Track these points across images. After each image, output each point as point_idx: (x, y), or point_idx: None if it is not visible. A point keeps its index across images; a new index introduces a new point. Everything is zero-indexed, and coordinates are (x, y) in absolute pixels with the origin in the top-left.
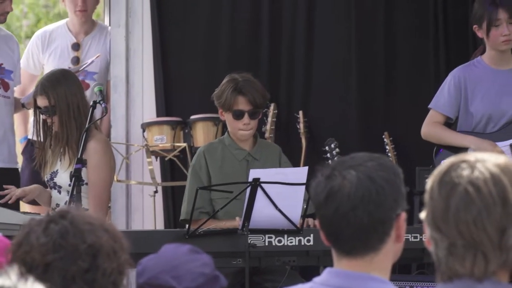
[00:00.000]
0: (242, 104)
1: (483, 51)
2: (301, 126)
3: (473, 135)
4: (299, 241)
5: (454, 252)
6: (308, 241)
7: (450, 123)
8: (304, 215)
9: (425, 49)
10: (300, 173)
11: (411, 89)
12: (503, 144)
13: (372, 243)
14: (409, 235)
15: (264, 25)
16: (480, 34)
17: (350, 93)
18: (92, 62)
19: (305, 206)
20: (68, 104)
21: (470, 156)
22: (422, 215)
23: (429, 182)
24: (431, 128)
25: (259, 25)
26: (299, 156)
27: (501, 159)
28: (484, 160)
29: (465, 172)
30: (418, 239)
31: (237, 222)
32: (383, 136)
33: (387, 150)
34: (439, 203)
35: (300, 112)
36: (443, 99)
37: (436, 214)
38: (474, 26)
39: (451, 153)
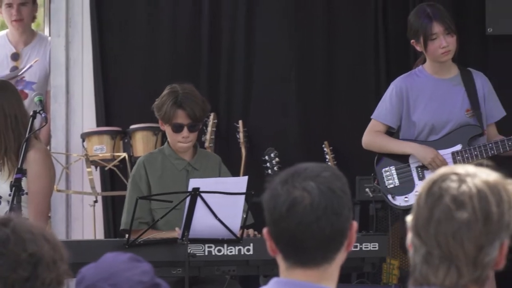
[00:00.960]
0: (182, 117)
1: (425, 61)
2: (240, 135)
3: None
4: (239, 250)
5: (429, 260)
6: (248, 250)
7: (391, 133)
8: (244, 225)
9: (365, 59)
10: (240, 182)
11: (351, 98)
12: (445, 152)
13: (330, 254)
14: None
15: (204, 34)
16: (419, 48)
17: (290, 102)
18: (31, 66)
19: (244, 216)
20: (6, 115)
21: (462, 168)
22: (409, 218)
23: (420, 188)
24: (372, 137)
25: (199, 34)
26: (239, 166)
27: (492, 176)
28: (475, 175)
29: (453, 185)
30: (358, 248)
31: (177, 233)
32: (323, 146)
33: (327, 160)
34: (424, 211)
35: (240, 122)
36: (385, 108)
37: (419, 221)
38: (412, 40)
39: (392, 161)
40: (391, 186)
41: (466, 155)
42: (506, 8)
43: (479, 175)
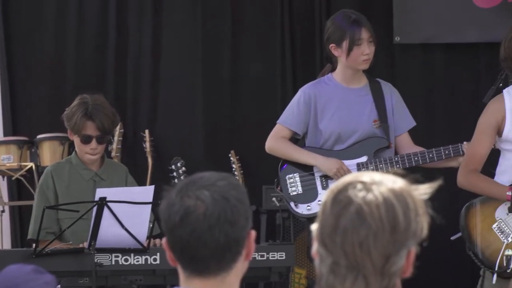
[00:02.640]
0: (91, 129)
1: (332, 69)
2: (147, 145)
3: (320, 152)
4: (146, 260)
5: (336, 270)
6: (155, 260)
7: (296, 139)
8: (151, 235)
9: (272, 68)
10: (147, 192)
11: (258, 107)
12: (350, 163)
13: (226, 263)
14: (256, 253)
15: (111, 44)
16: (337, 53)
17: (196, 111)
18: None
19: (151, 225)
20: None
21: (367, 176)
22: (314, 227)
23: (325, 196)
24: (276, 142)
25: (106, 44)
26: (145, 175)
27: (398, 183)
28: (381, 183)
29: (360, 194)
30: (265, 258)
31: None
32: (230, 155)
33: (233, 169)
34: (329, 220)
35: (146, 131)
36: (291, 114)
37: (324, 230)
38: (332, 45)
39: (296, 168)
40: (294, 193)
41: (371, 167)
42: (413, 17)
43: (385, 183)
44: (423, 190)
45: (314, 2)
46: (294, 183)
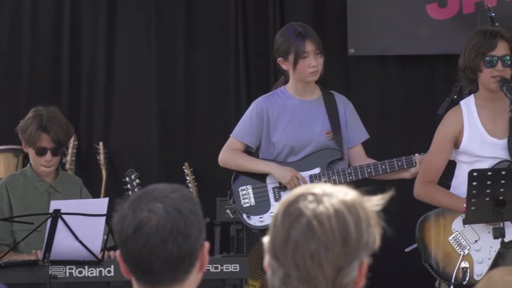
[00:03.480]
0: (46, 141)
1: (285, 82)
2: (101, 157)
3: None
4: (100, 272)
5: (288, 282)
6: (109, 272)
7: (250, 152)
8: (105, 247)
9: (226, 81)
10: (101, 204)
11: (212, 120)
12: (304, 175)
13: (180, 275)
14: (210, 265)
15: (64, 56)
16: (286, 66)
17: (151, 124)
18: None
19: (105, 238)
20: None
21: (319, 188)
22: (265, 239)
23: (276, 209)
24: (229, 155)
25: (60, 56)
26: (99, 187)
27: (349, 195)
28: (332, 195)
29: (311, 205)
30: (219, 270)
31: (36, 256)
32: (184, 167)
33: (187, 181)
34: (280, 233)
35: (100, 143)
36: (244, 127)
37: (276, 243)
38: (279, 59)
39: (250, 180)
40: (247, 205)
41: (324, 178)
42: (367, 29)
43: (336, 195)
44: (376, 202)
45: (268, 13)
46: (247, 195)
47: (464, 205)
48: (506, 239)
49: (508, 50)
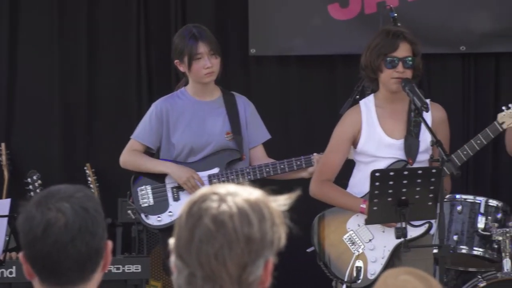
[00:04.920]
0: None
1: (186, 83)
2: (3, 158)
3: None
4: (2, 273)
5: (193, 282)
6: (11, 273)
7: (151, 153)
8: (6, 249)
9: (127, 82)
10: (3, 205)
11: (113, 121)
12: (202, 175)
13: (87, 274)
14: (112, 266)
15: None
16: (182, 68)
17: (53, 124)
18: None
19: (7, 239)
20: None
21: (223, 188)
22: (171, 240)
23: (181, 209)
24: (129, 156)
25: None
26: (1, 188)
27: (253, 194)
28: (236, 194)
29: (213, 205)
30: (120, 270)
31: None
32: (85, 168)
33: (89, 182)
34: (185, 233)
35: (2, 144)
36: (144, 129)
37: (180, 243)
38: (176, 61)
39: (149, 180)
40: (145, 205)
41: (223, 178)
42: (269, 29)
43: (240, 194)
44: (282, 201)
45: (170, 14)
46: (145, 194)
47: (362, 205)
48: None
49: (410, 51)
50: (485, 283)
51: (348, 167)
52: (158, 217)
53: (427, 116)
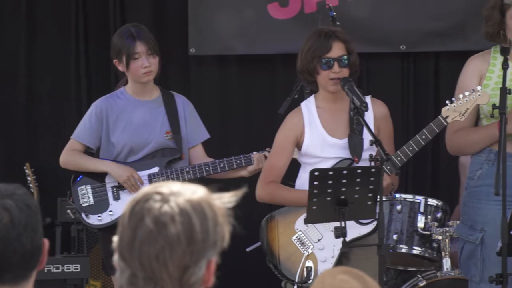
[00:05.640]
0: None
1: (126, 82)
2: None
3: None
4: None
5: (135, 282)
6: None
7: (91, 153)
8: None
9: (67, 81)
10: None
11: (53, 121)
12: (142, 174)
13: (30, 271)
14: (51, 265)
15: None
16: (121, 67)
17: None
18: None
19: None
20: None
21: (166, 187)
22: (115, 238)
23: (124, 208)
24: (68, 156)
25: None
26: None
27: (197, 193)
28: (179, 194)
29: (156, 205)
30: (60, 270)
31: None
32: (24, 167)
33: (28, 181)
34: (127, 232)
35: None
36: (84, 128)
37: (123, 243)
38: (115, 60)
39: (89, 180)
40: (86, 204)
41: (163, 177)
42: (208, 29)
43: (184, 194)
44: (227, 199)
45: (108, 14)
46: (86, 194)
47: None
48: (348, 238)
49: (345, 50)
50: (425, 282)
51: (294, 168)
52: (99, 216)
53: (369, 113)
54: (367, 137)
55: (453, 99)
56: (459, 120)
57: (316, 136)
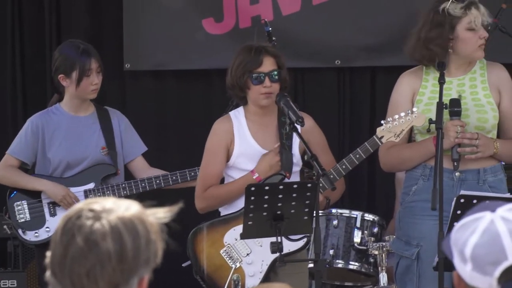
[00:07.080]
0: None
1: (60, 99)
2: None
3: (50, 180)
4: None
5: None
6: None
7: (26, 169)
8: None
9: (3, 97)
10: None
11: None
12: (78, 190)
13: None
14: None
15: None
16: (66, 83)
17: None
18: None
19: None
20: None
21: (99, 204)
22: (48, 254)
23: (58, 224)
24: (4, 172)
25: None
26: None
27: (130, 211)
28: (111, 211)
29: (88, 222)
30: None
31: None
32: None
33: None
34: (59, 249)
35: None
36: (19, 144)
37: (54, 259)
38: (60, 75)
39: (24, 196)
40: (22, 220)
41: (99, 193)
42: (143, 44)
43: (116, 211)
44: (162, 214)
45: (44, 28)
46: (22, 210)
47: (254, 176)
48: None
49: (275, 65)
50: None
51: None
52: (36, 232)
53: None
54: (295, 152)
55: (389, 119)
56: (394, 140)
57: (246, 146)
